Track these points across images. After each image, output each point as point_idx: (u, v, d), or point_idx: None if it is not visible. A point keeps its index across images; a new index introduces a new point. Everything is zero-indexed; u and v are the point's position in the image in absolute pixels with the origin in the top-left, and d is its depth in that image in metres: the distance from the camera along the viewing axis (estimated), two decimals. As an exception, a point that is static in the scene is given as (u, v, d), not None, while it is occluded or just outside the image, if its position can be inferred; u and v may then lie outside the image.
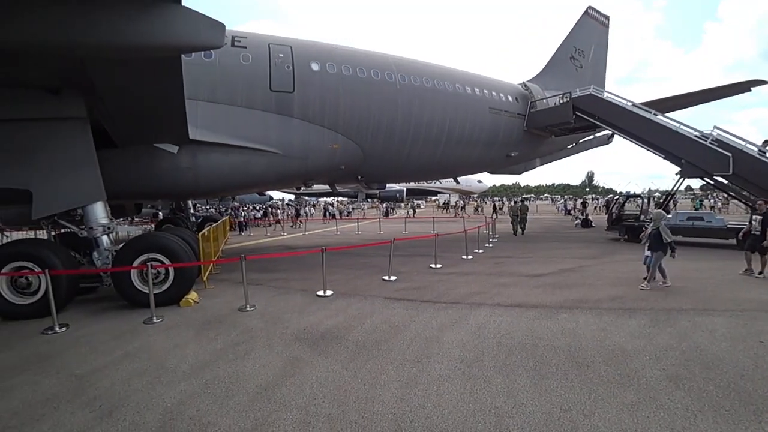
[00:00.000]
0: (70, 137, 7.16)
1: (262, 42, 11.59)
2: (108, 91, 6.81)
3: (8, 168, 6.81)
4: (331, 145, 12.45)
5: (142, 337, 5.80)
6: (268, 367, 4.65)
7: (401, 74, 13.57)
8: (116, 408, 3.87)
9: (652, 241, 7.87)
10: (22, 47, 5.06)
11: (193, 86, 7.46)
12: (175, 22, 5.44)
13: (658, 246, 7.75)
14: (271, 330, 5.92)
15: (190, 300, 7.37)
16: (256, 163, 11.06)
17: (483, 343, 5.21)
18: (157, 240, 7.61)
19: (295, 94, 11.60)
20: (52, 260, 6.81)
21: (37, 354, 5.33)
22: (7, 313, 6.84)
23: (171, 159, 9.85)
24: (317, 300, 7.57)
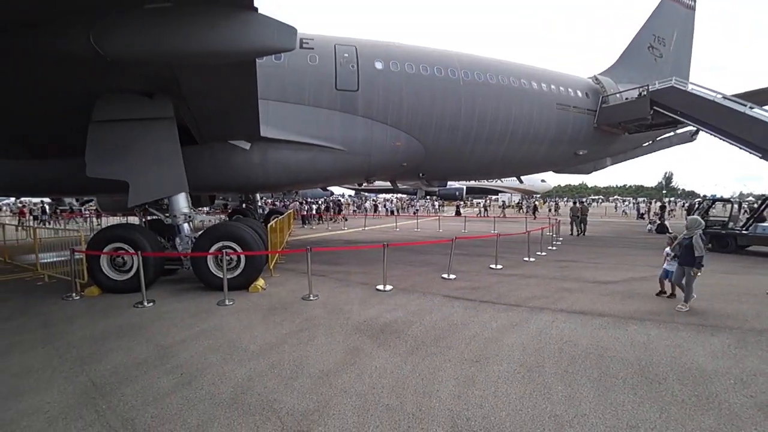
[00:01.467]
0: (161, 135, 7.89)
1: (328, 43, 12.00)
2: (192, 94, 7.49)
3: (111, 161, 7.64)
4: (394, 143, 12.62)
5: (215, 317, 6.30)
6: (330, 354, 4.84)
7: (464, 70, 13.37)
8: (195, 378, 4.27)
9: (683, 253, 6.72)
10: (129, 60, 5.80)
11: (265, 87, 7.99)
12: (253, 29, 5.91)
13: (689, 259, 6.60)
14: (332, 319, 6.14)
15: (258, 286, 7.88)
16: (322, 160, 11.51)
17: (544, 348, 5.01)
18: (231, 229, 8.18)
19: (360, 92, 11.90)
20: (143, 243, 7.68)
21: (129, 324, 6.04)
22: (107, 287, 7.78)
23: (244, 155, 10.58)
24: (377, 294, 7.72)
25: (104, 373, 4.41)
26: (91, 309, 6.87)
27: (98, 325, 5.98)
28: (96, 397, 3.91)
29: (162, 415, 3.58)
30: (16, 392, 4.05)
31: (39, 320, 6.33)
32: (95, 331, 5.73)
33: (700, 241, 6.50)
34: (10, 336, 5.66)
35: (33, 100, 7.33)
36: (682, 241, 6.79)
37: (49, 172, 10.39)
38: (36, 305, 7.20)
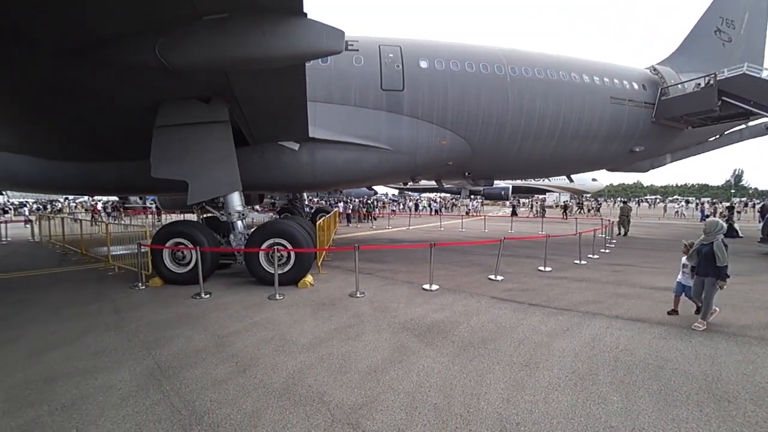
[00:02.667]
0: (217, 138, 8.32)
1: (373, 44, 12.13)
2: (245, 98, 7.87)
3: (172, 163, 8.16)
4: (440, 141, 12.53)
5: (267, 311, 6.56)
6: (377, 351, 4.89)
7: (511, 66, 13.01)
8: (249, 366, 4.47)
9: (701, 262, 5.77)
10: (189, 69, 6.22)
11: (312, 89, 8.24)
12: (303, 33, 6.15)
13: (709, 269, 5.64)
14: (379, 317, 6.20)
15: (306, 282, 8.11)
16: (368, 159, 11.65)
17: (598, 356, 4.76)
18: (282, 227, 8.50)
19: (405, 92, 11.93)
20: (201, 239, 8.19)
21: (188, 314, 6.43)
22: (169, 279, 8.37)
23: (293, 155, 10.94)
24: (423, 293, 7.70)
25: (168, 358, 4.73)
26: (155, 298, 7.42)
27: (161, 313, 6.43)
28: (161, 379, 4.20)
29: (220, 400, 3.78)
30: (93, 370, 4.46)
31: (111, 306, 6.93)
32: (159, 319, 6.18)
33: (723, 247, 5.53)
34: (87, 319, 6.26)
35: (107, 109, 8.05)
36: (700, 248, 5.82)
37: (119, 173, 11.33)
38: (108, 292, 7.87)
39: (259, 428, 3.35)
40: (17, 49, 5.67)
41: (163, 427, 3.38)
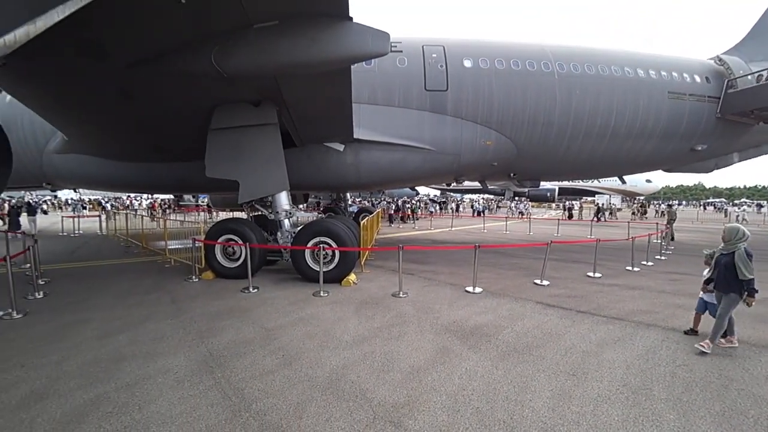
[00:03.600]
0: (266, 139, 8.65)
1: (416, 44, 12.06)
2: (293, 101, 8.14)
3: (225, 163, 8.60)
4: (484, 142, 12.28)
5: (312, 307, 6.73)
6: (420, 352, 4.88)
7: (559, 63, 12.48)
8: (294, 360, 4.61)
9: (720, 275, 4.97)
10: (242, 74, 6.59)
11: (357, 91, 8.38)
12: (349, 37, 6.30)
13: (729, 285, 4.87)
14: (422, 317, 6.19)
15: (350, 281, 8.26)
16: (412, 160, 11.64)
17: (653, 369, 4.46)
18: (327, 226, 8.71)
19: (449, 92, 11.79)
20: (251, 236, 8.56)
21: (238, 307, 6.73)
22: (220, 273, 8.82)
23: (338, 156, 11.15)
24: (466, 295, 7.60)
25: (219, 347, 4.99)
26: (207, 290, 7.84)
27: (213, 305, 6.78)
28: (213, 367, 4.44)
29: (267, 390, 3.93)
30: (152, 354, 4.81)
31: (168, 296, 7.41)
32: (211, 310, 6.53)
33: (747, 257, 4.77)
34: (148, 307, 6.75)
35: (167, 114, 8.67)
36: (719, 259, 5.04)
37: (176, 173, 12.09)
38: (165, 284, 8.42)
39: (304, 419, 3.45)
40: (93, 62, 6.32)
41: (215, 411, 3.57)
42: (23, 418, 3.48)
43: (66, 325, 5.88)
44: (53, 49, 5.43)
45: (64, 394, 3.89)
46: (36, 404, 3.71)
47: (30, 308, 6.63)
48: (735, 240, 4.94)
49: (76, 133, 10.76)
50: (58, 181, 13.65)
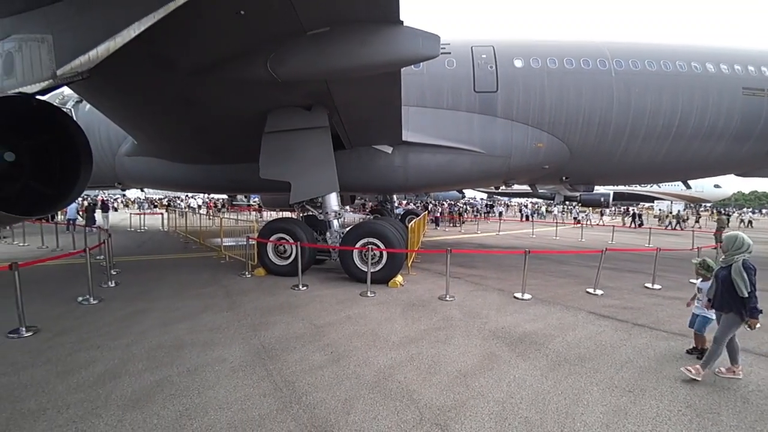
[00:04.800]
0: (318, 142, 8.90)
1: (465, 45, 11.88)
2: (343, 104, 8.34)
3: (278, 165, 8.95)
4: (536, 144, 11.87)
5: (359, 306, 6.82)
6: (467, 356, 4.81)
7: (616, 60, 11.77)
8: (342, 357, 4.70)
9: (718, 291, 4.38)
10: (296, 80, 6.87)
11: (405, 93, 8.40)
12: (400, 40, 6.39)
13: (728, 303, 4.27)
14: (469, 322, 6.09)
15: (396, 282, 8.28)
16: (460, 162, 11.49)
17: (720, 392, 4.07)
18: (376, 227, 8.80)
19: (499, 93, 11.52)
20: (301, 235, 8.85)
21: (288, 303, 6.97)
22: (271, 270, 9.17)
23: (386, 158, 11.24)
24: (515, 302, 7.40)
25: (271, 340, 5.19)
26: (259, 286, 8.17)
27: (265, 300, 7.06)
28: (265, 359, 4.62)
29: (316, 384, 4.03)
30: (210, 343, 5.09)
31: (223, 290, 7.80)
32: (263, 305, 6.80)
33: (744, 271, 4.12)
34: (205, 299, 7.16)
35: (225, 119, 9.19)
36: (718, 273, 4.43)
37: (232, 174, 12.76)
38: (220, 278, 8.88)
39: (352, 416, 3.50)
40: (160, 72, 6.92)
41: (267, 401, 3.71)
42: (100, 393, 3.83)
43: (134, 312, 6.38)
44: (127, 62, 5.92)
45: (134, 374, 4.22)
46: (110, 382, 4.06)
47: (104, 296, 7.28)
48: (733, 251, 4.31)
49: (144, 138, 11.71)
50: (128, 181, 14.94)
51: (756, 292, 4.12)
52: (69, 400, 3.71)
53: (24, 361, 4.55)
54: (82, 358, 4.64)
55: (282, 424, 3.36)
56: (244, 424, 3.35)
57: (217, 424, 3.35)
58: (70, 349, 4.90)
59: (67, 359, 4.61)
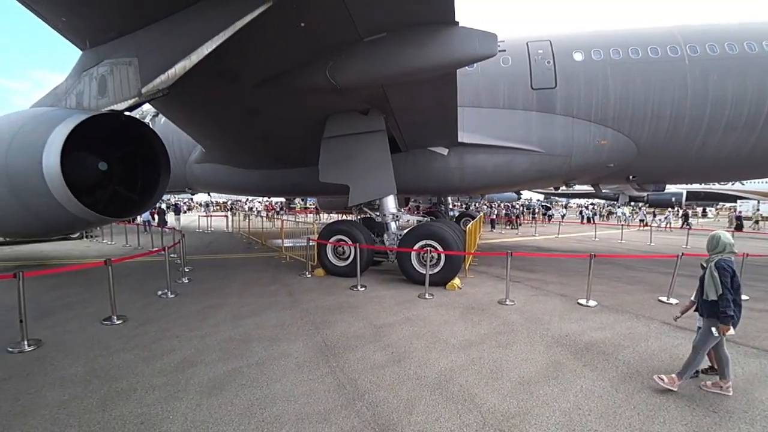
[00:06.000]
0: (375, 146, 9.04)
1: (520, 41, 11.47)
2: (399, 107, 8.42)
3: (337, 168, 9.20)
4: (599, 141, 11.16)
5: (417, 308, 6.82)
6: (529, 363, 4.64)
7: (690, 45, 10.72)
8: (403, 358, 4.72)
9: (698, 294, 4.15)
10: (354, 86, 7.08)
11: (460, 94, 8.28)
12: (456, 41, 6.36)
13: (708, 307, 3.95)
14: (531, 328, 5.88)
15: (454, 285, 8.18)
16: (518, 163, 11.13)
17: None
18: (434, 229, 8.73)
19: (558, 89, 10.98)
20: (359, 237, 9.02)
21: (347, 303, 7.12)
22: (330, 270, 9.42)
23: (442, 160, 11.15)
24: (578, 308, 7.02)
25: (333, 338, 5.33)
26: (319, 286, 8.42)
27: (325, 300, 7.27)
28: (328, 356, 4.76)
29: (378, 383, 4.09)
30: (276, 338, 5.35)
31: (286, 289, 8.14)
32: (324, 304, 7.01)
33: (716, 272, 3.88)
34: (269, 297, 7.51)
35: (286, 126, 9.65)
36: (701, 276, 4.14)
37: (292, 178, 13.31)
38: (283, 278, 9.27)
39: (414, 416, 3.51)
40: (226, 84, 7.49)
41: (332, 396, 3.82)
42: (179, 379, 4.18)
43: (207, 307, 6.85)
44: (199, 78, 6.42)
45: (209, 364, 4.54)
46: (188, 369, 4.40)
47: (180, 290, 7.89)
48: (712, 252, 4.10)
49: (211, 146, 12.59)
50: (197, 186, 16.13)
51: (732, 295, 3.83)
52: (154, 383, 4.09)
53: (116, 346, 5.10)
54: (163, 346, 5.07)
55: (346, 419, 3.45)
56: (310, 417, 3.48)
57: (285, 415, 3.50)
58: (153, 337, 5.39)
59: (151, 346, 5.07)
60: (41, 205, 6.70)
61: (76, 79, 7.54)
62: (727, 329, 3.82)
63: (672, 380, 4.06)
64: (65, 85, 7.85)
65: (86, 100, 7.29)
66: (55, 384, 4.10)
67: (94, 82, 7.11)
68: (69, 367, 4.50)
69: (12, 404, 3.72)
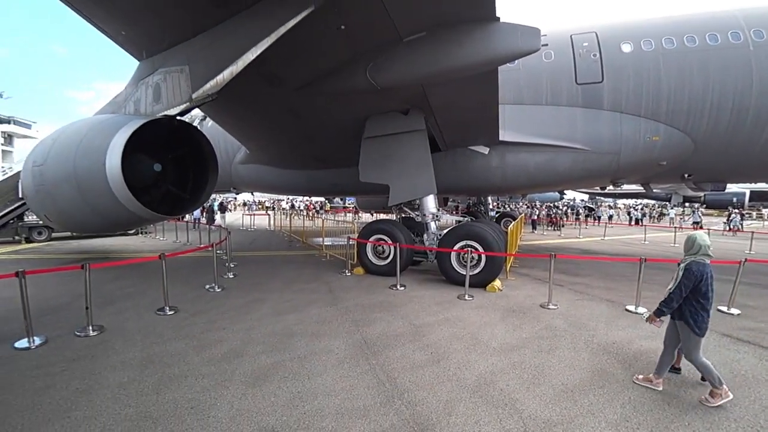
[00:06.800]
0: (415, 145, 9.02)
1: (563, 35, 10.96)
2: (440, 107, 8.36)
3: (377, 168, 9.26)
4: (650, 137, 10.46)
5: (457, 309, 6.76)
6: (574, 370, 4.48)
7: (755, 29, 9.77)
8: (443, 358, 4.70)
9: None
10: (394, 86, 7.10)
11: (501, 91, 8.04)
12: (498, 37, 6.22)
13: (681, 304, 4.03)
14: (575, 333, 5.66)
15: (495, 286, 8.03)
16: (561, 161, 10.70)
17: None
18: (475, 229, 8.61)
19: (605, 83, 10.40)
20: (399, 236, 9.05)
21: (387, 302, 7.17)
22: (370, 269, 9.53)
23: (483, 159, 10.94)
24: (626, 315, 6.67)
25: (372, 336, 5.39)
26: (359, 284, 8.53)
27: (365, 298, 7.36)
28: (368, 353, 4.82)
29: (417, 383, 4.10)
30: (317, 334, 5.50)
31: (326, 286, 8.31)
32: (363, 302, 7.10)
33: (681, 273, 3.96)
34: (310, 294, 7.71)
35: (327, 127, 9.83)
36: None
37: (331, 178, 13.57)
38: (322, 275, 9.47)
39: (453, 417, 3.48)
40: (270, 88, 7.78)
41: (371, 393, 3.87)
42: (226, 369, 4.39)
43: (251, 301, 7.13)
44: (244, 82, 6.72)
45: (253, 355, 4.73)
46: (234, 360, 4.61)
47: (226, 285, 8.27)
48: (686, 253, 4.11)
49: (255, 147, 13.08)
50: (241, 186, 16.84)
51: (678, 296, 3.93)
52: (203, 371, 4.32)
53: (169, 335, 5.44)
54: (211, 336, 5.35)
55: (385, 417, 3.48)
56: (349, 412, 3.54)
57: (325, 409, 3.59)
58: (202, 328, 5.70)
59: (200, 336, 5.37)
60: (104, 204, 7.26)
61: (134, 87, 8.10)
62: (655, 320, 4.20)
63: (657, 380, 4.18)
64: (124, 94, 8.44)
65: (143, 106, 7.81)
66: (116, 367, 4.44)
67: (149, 89, 7.61)
68: (128, 351, 4.86)
69: (80, 382, 4.09)
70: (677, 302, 3.97)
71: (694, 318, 3.90)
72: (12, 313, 6.00)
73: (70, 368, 4.40)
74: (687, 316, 3.94)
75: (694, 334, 3.89)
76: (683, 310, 3.99)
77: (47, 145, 7.97)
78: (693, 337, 3.91)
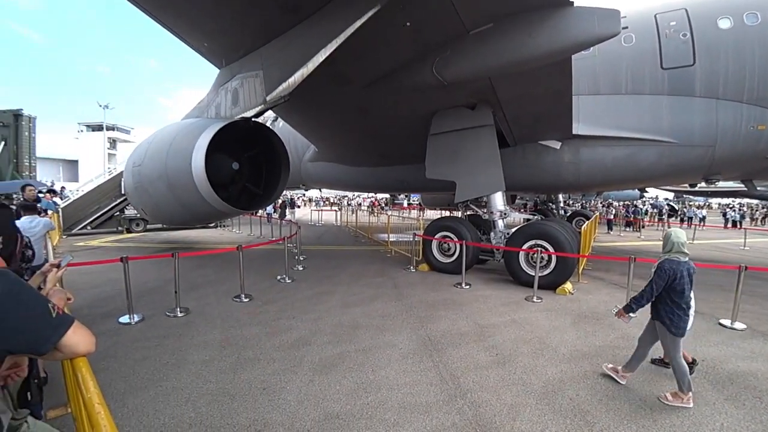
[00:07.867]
0: (482, 141, 8.77)
1: (646, 15, 9.77)
2: (509, 100, 8.06)
3: (444, 165, 9.16)
4: (754, 126, 9.01)
5: (524, 311, 6.52)
6: (654, 386, 4.10)
7: None
8: (508, 360, 4.57)
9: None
10: (461, 81, 6.94)
11: (575, 81, 7.40)
12: (572, 24, 5.78)
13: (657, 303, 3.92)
14: (656, 347, 5.13)
15: (565, 289, 7.62)
16: (644, 156, 9.69)
17: None
18: (545, 228, 8.23)
19: (697, 66, 9.10)
20: (465, 234, 8.91)
21: (452, 300, 7.12)
22: (435, 266, 9.52)
23: (554, 154, 10.31)
24: (721, 330, 5.94)
25: (436, 334, 5.39)
26: (424, 281, 8.55)
27: (429, 295, 7.36)
28: (431, 350, 4.82)
29: (481, 383, 4.03)
30: (381, 328, 5.62)
31: (391, 282, 8.44)
32: (428, 299, 7.11)
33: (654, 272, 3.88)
34: (375, 288, 7.88)
35: (394, 124, 9.89)
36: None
37: (397, 175, 13.67)
38: (387, 271, 9.62)
39: (518, 423, 3.37)
40: (338, 88, 8.02)
41: (434, 390, 3.87)
42: (295, 356, 4.65)
43: (320, 293, 7.46)
44: (314, 83, 6.93)
45: (320, 345, 4.95)
46: (302, 347, 4.87)
47: (296, 277, 8.74)
48: (662, 251, 4.05)
49: (323, 146, 13.59)
50: (310, 183, 17.62)
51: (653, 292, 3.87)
52: (274, 356, 4.62)
53: (244, 320, 5.90)
54: (282, 324, 5.70)
55: (447, 415, 3.46)
56: (412, 407, 3.57)
57: (388, 402, 3.65)
58: (274, 315, 6.09)
59: (272, 323, 5.74)
60: (190, 199, 8.00)
61: (215, 93, 8.80)
62: (623, 314, 4.15)
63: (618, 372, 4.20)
64: (207, 99, 9.20)
65: (223, 110, 8.47)
66: (199, 346, 4.91)
67: (228, 94, 8.22)
68: (209, 333, 5.36)
69: (170, 356, 4.60)
70: (647, 301, 3.93)
71: (669, 317, 3.81)
72: (117, 293, 6.85)
73: (162, 344, 4.94)
74: (663, 316, 3.86)
75: (671, 333, 3.81)
76: (659, 310, 3.93)
77: (144, 147, 8.99)
78: (670, 337, 3.84)
